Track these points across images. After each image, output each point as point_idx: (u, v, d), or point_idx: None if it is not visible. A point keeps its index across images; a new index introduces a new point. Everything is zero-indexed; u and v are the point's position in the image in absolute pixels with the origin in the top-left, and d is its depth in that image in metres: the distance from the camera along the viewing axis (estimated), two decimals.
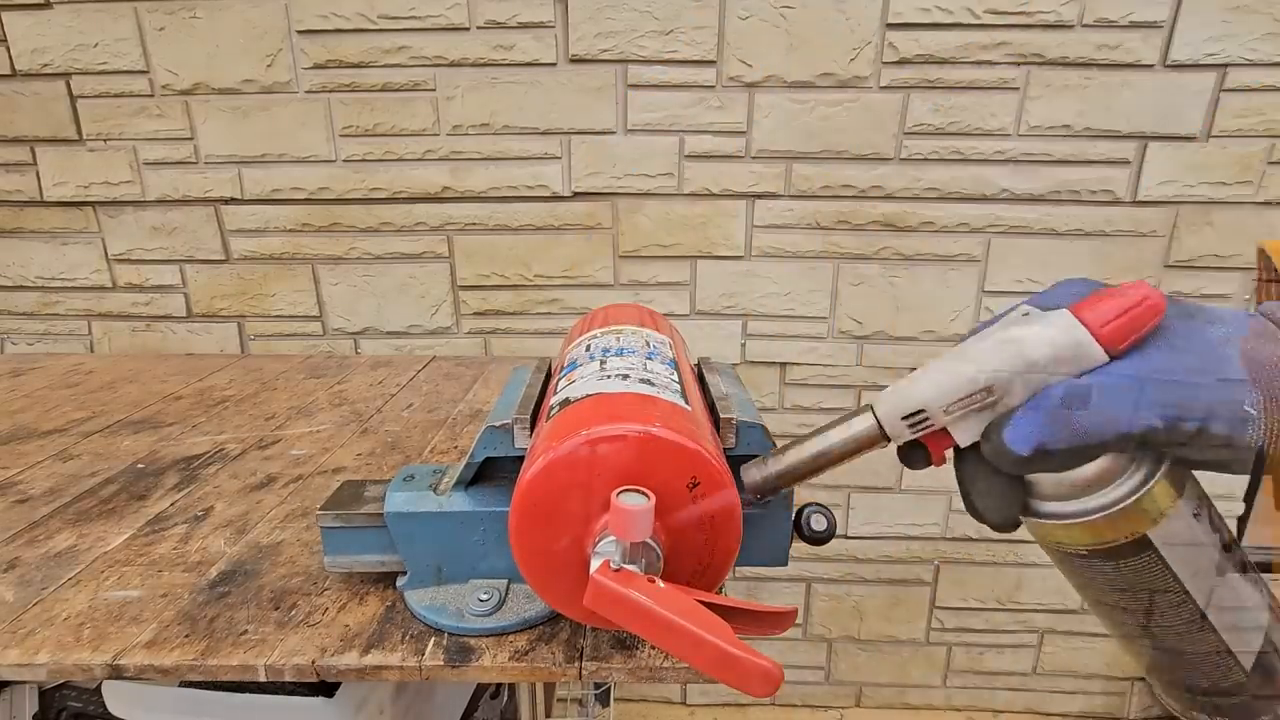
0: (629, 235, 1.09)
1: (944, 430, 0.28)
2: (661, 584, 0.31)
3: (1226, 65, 0.99)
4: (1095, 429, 0.24)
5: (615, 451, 0.33)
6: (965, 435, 0.27)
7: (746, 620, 0.33)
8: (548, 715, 1.03)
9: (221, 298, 1.15)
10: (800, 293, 1.12)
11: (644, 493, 0.32)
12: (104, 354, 1.16)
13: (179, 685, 0.56)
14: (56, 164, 1.08)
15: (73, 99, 1.06)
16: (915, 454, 0.29)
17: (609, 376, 0.40)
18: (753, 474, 0.31)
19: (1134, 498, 0.25)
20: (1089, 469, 0.25)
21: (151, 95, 1.05)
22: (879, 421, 0.28)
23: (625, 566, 0.31)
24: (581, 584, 0.31)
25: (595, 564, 0.31)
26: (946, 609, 1.28)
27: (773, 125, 1.04)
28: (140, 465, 0.68)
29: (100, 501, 0.61)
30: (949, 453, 0.29)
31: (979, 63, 1.00)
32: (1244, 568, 0.27)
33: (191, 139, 1.07)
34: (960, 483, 0.29)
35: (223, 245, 1.12)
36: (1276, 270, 0.28)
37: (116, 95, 1.05)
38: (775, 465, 0.30)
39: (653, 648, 0.42)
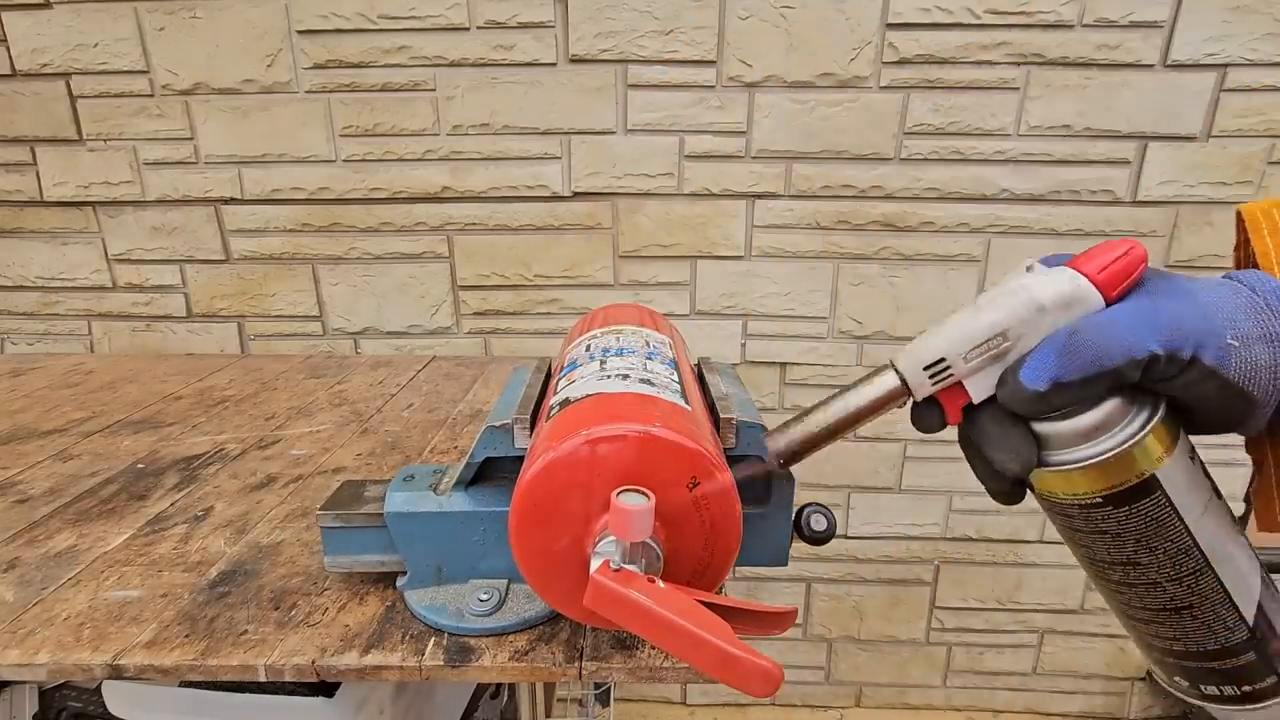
0: (629, 235, 1.09)
1: (960, 386, 0.29)
2: (661, 584, 0.31)
3: (1226, 65, 0.99)
4: (1104, 354, 0.26)
5: (615, 451, 0.33)
6: (980, 389, 0.29)
7: (746, 620, 0.33)
8: (548, 715, 1.03)
9: (221, 298, 1.15)
10: (800, 293, 1.12)
11: (644, 493, 0.32)
12: (104, 354, 1.16)
13: (179, 685, 0.56)
14: (56, 164, 1.08)
15: (73, 99, 1.06)
16: (929, 413, 0.31)
17: (609, 376, 0.40)
18: (777, 440, 0.31)
19: (1140, 435, 0.27)
20: (1093, 415, 0.27)
21: (151, 95, 1.05)
22: (900, 375, 0.30)
23: (625, 566, 0.31)
24: (581, 584, 0.31)
25: (595, 564, 0.31)
26: (946, 609, 1.28)
27: (773, 125, 1.04)
28: (140, 465, 0.68)
29: (100, 501, 0.61)
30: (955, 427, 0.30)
31: (979, 63, 1.00)
32: (1233, 517, 0.29)
33: (191, 139, 1.07)
34: (972, 445, 0.30)
35: (223, 245, 1.12)
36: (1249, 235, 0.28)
37: (116, 95, 1.05)
38: (800, 429, 0.31)
39: (653, 648, 0.42)
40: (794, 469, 0.44)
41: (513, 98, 1.03)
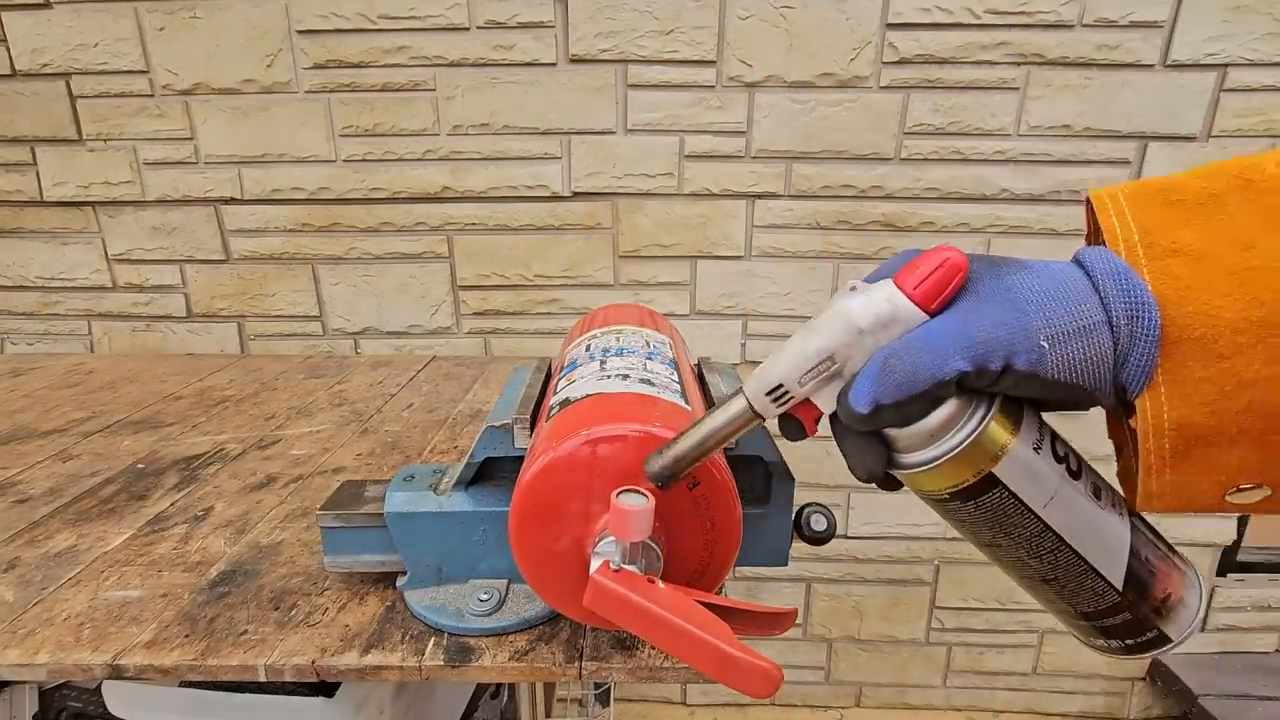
0: (629, 235, 1.09)
1: (807, 401, 0.30)
2: (661, 584, 0.31)
3: (1226, 65, 0.99)
4: (913, 380, 0.27)
5: (616, 452, 0.33)
6: (826, 403, 0.30)
7: (746, 621, 0.33)
8: (548, 715, 1.03)
9: (221, 298, 1.15)
10: (800, 293, 1.12)
11: (644, 493, 0.32)
12: (104, 354, 1.16)
13: (179, 685, 0.56)
14: (56, 164, 1.08)
15: (73, 99, 1.06)
16: (790, 426, 0.32)
17: (609, 376, 0.40)
18: (651, 463, 0.33)
19: (972, 437, 0.28)
20: (933, 418, 0.28)
21: (151, 95, 1.05)
22: (749, 401, 0.31)
23: (625, 567, 0.31)
24: (581, 584, 0.31)
25: (595, 564, 0.31)
26: (946, 609, 1.28)
27: (773, 125, 1.04)
28: (140, 465, 0.68)
29: (100, 501, 0.61)
30: (822, 422, 0.32)
31: (979, 63, 1.00)
32: (1097, 492, 0.30)
33: (191, 139, 1.07)
34: (838, 445, 0.31)
35: (223, 245, 1.12)
36: (1097, 220, 0.29)
37: (116, 95, 1.05)
38: (669, 452, 0.32)
39: (653, 648, 0.42)
40: (793, 469, 0.45)
41: (513, 98, 1.03)
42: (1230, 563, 1.25)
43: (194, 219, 1.11)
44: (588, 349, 0.47)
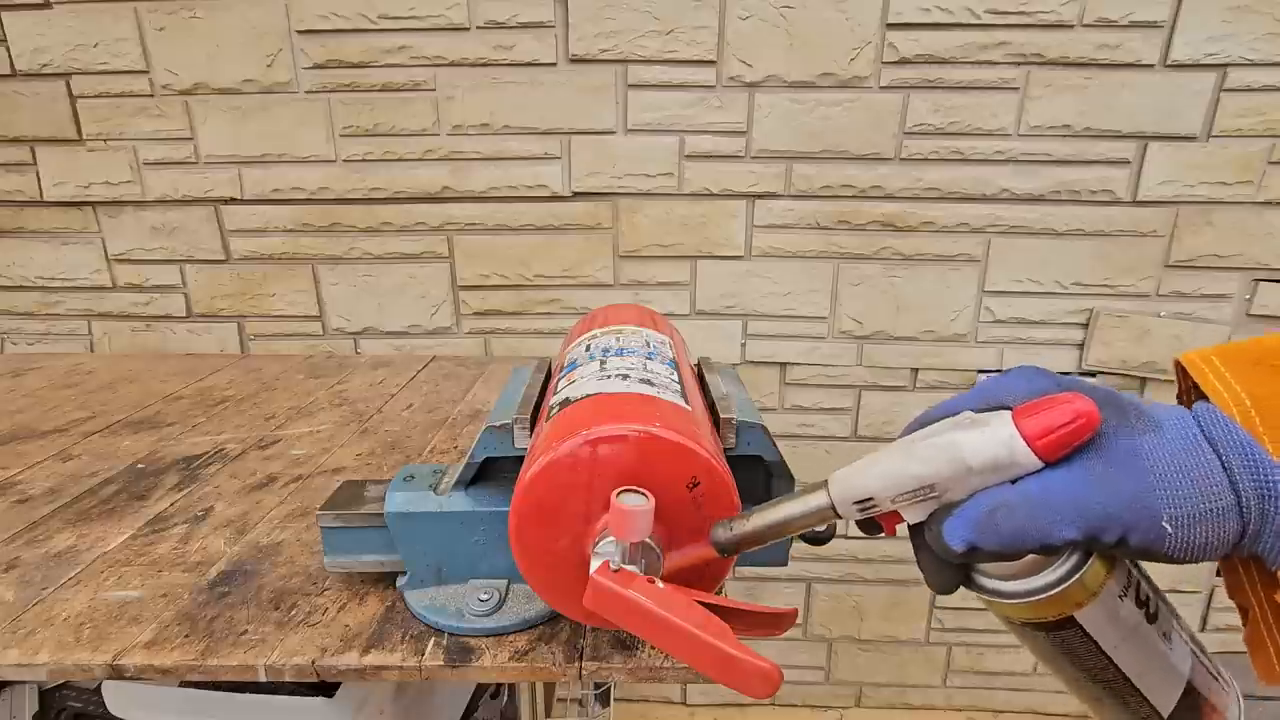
0: (629, 235, 1.09)
1: (893, 511, 0.30)
2: (661, 584, 0.31)
3: (1226, 65, 0.99)
4: (1018, 538, 0.26)
5: (616, 452, 0.33)
6: (913, 516, 0.29)
7: (746, 621, 0.33)
8: (548, 715, 1.03)
9: (221, 298, 1.14)
10: (800, 293, 1.12)
11: (643, 493, 0.32)
12: (104, 354, 1.16)
13: (179, 685, 0.56)
14: (56, 164, 1.08)
15: (73, 99, 1.05)
16: (869, 526, 0.32)
17: (609, 376, 0.40)
18: (719, 534, 0.32)
19: (1062, 586, 0.27)
20: (1026, 560, 0.27)
21: (151, 95, 1.05)
22: (832, 502, 0.30)
23: (625, 567, 0.31)
24: (581, 584, 0.31)
25: (595, 564, 0.31)
26: (946, 609, 1.28)
27: (773, 125, 1.04)
28: (140, 465, 0.68)
29: (100, 501, 0.61)
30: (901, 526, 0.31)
31: (979, 63, 1.00)
32: (1167, 635, 0.29)
33: (191, 139, 1.07)
34: (914, 554, 0.31)
35: (223, 245, 1.12)
36: (1193, 381, 0.28)
37: (116, 95, 1.05)
38: (740, 528, 0.32)
39: (653, 648, 0.42)
40: (793, 469, 0.45)
41: (513, 98, 1.03)
42: None
43: (194, 219, 1.11)
44: (588, 349, 0.47)
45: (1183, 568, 0.91)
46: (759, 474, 0.45)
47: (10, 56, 1.04)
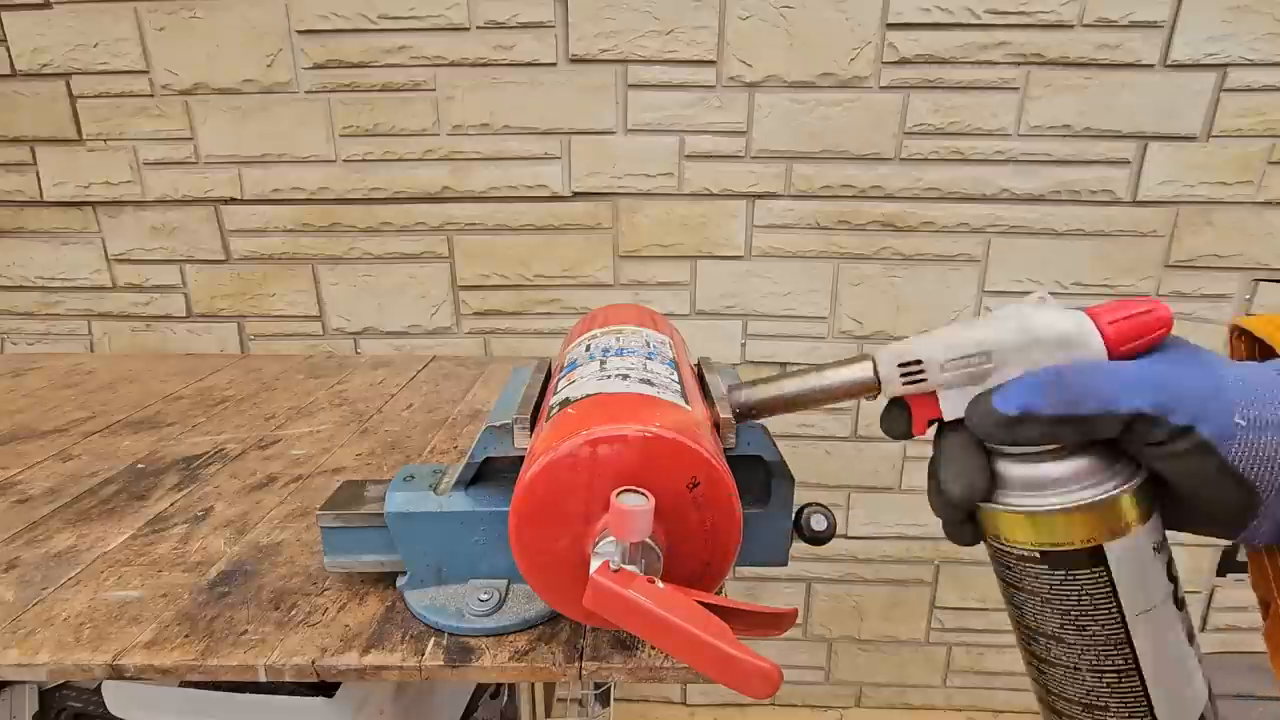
0: (629, 235, 1.09)
1: (931, 396, 0.28)
2: (661, 584, 0.31)
3: (1227, 65, 0.99)
4: (1084, 398, 0.24)
5: (616, 452, 0.33)
6: (952, 406, 0.28)
7: (746, 621, 0.33)
8: (548, 715, 1.03)
9: (221, 298, 1.15)
10: (800, 293, 1.12)
11: (643, 493, 0.32)
12: (104, 354, 1.16)
13: (179, 685, 0.56)
14: (56, 164, 1.08)
15: (73, 99, 1.05)
16: (896, 418, 0.30)
17: (609, 376, 0.40)
18: (739, 394, 0.31)
19: (1103, 495, 0.25)
20: (1058, 467, 0.25)
21: (151, 95, 1.05)
22: (875, 365, 0.29)
23: (625, 567, 0.31)
24: (581, 584, 0.31)
25: (595, 564, 0.31)
26: (946, 609, 1.28)
27: (773, 125, 1.04)
28: (140, 465, 0.68)
29: (100, 501, 0.61)
30: (928, 432, 0.29)
31: (979, 63, 1.00)
32: (1192, 636, 0.26)
33: (191, 139, 1.07)
34: (933, 462, 0.29)
35: (223, 245, 1.12)
36: (1256, 345, 0.27)
37: (116, 95, 1.05)
38: (767, 389, 0.30)
39: (653, 648, 0.42)
40: (793, 469, 0.45)
41: (513, 98, 1.03)
42: (1230, 563, 1.25)
43: (194, 219, 1.11)
44: (588, 349, 0.46)
45: (1182, 568, 0.91)
46: (759, 474, 0.45)
47: (10, 56, 1.04)
